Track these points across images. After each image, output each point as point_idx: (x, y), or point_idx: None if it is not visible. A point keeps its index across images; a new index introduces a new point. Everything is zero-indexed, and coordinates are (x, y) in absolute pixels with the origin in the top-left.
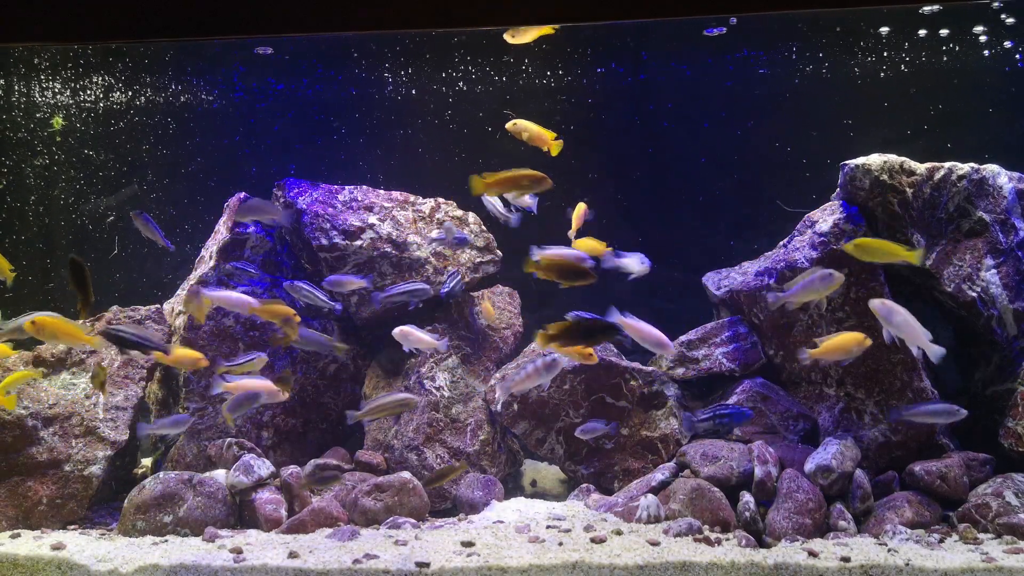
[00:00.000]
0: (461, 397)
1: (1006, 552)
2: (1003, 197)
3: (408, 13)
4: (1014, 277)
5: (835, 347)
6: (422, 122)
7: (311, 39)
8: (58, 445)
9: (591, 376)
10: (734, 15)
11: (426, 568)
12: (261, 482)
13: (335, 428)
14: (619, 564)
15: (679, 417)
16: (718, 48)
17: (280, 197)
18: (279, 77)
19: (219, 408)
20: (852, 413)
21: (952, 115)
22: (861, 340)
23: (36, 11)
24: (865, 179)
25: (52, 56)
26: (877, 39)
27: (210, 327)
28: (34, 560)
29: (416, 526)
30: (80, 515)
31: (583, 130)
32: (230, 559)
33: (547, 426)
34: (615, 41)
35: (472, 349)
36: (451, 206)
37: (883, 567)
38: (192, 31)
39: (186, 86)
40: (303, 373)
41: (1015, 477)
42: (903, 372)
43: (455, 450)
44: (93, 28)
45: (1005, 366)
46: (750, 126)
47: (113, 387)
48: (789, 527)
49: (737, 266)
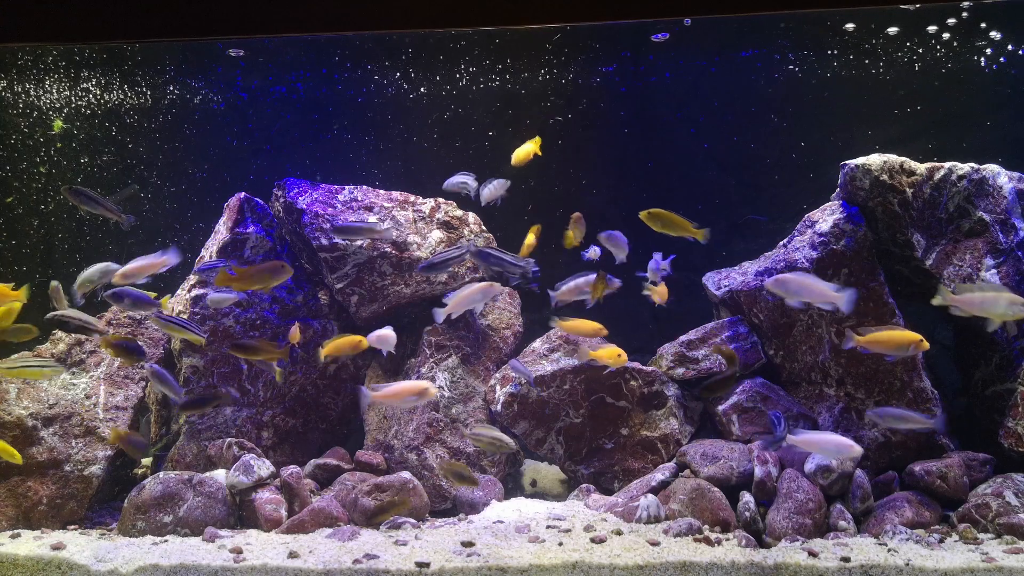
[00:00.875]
0: (461, 397)
1: (1006, 552)
2: (1003, 197)
3: (408, 13)
4: (1014, 277)
5: (883, 340)
6: (423, 122)
7: (313, 39)
8: (58, 445)
9: (591, 376)
10: (734, 15)
11: (426, 568)
12: (261, 482)
13: (335, 428)
14: (619, 564)
15: (679, 417)
16: (718, 48)
17: (280, 197)
18: (279, 77)
19: (219, 408)
20: (852, 413)
21: (953, 115)
22: (918, 342)
23: (36, 11)
24: (865, 179)
25: (47, 56)
26: (878, 39)
27: (210, 327)
28: (34, 560)
29: (416, 526)
30: (80, 515)
31: (583, 130)
32: (230, 559)
33: (547, 426)
34: (615, 41)
35: (472, 349)
36: (451, 206)
37: (883, 567)
38: (192, 31)
39: (186, 86)
40: (303, 373)
41: (1015, 477)
42: (903, 372)
43: (455, 450)
44: (93, 28)
45: (1005, 366)
46: (750, 126)
47: (113, 387)
48: (789, 527)
49: (737, 266)
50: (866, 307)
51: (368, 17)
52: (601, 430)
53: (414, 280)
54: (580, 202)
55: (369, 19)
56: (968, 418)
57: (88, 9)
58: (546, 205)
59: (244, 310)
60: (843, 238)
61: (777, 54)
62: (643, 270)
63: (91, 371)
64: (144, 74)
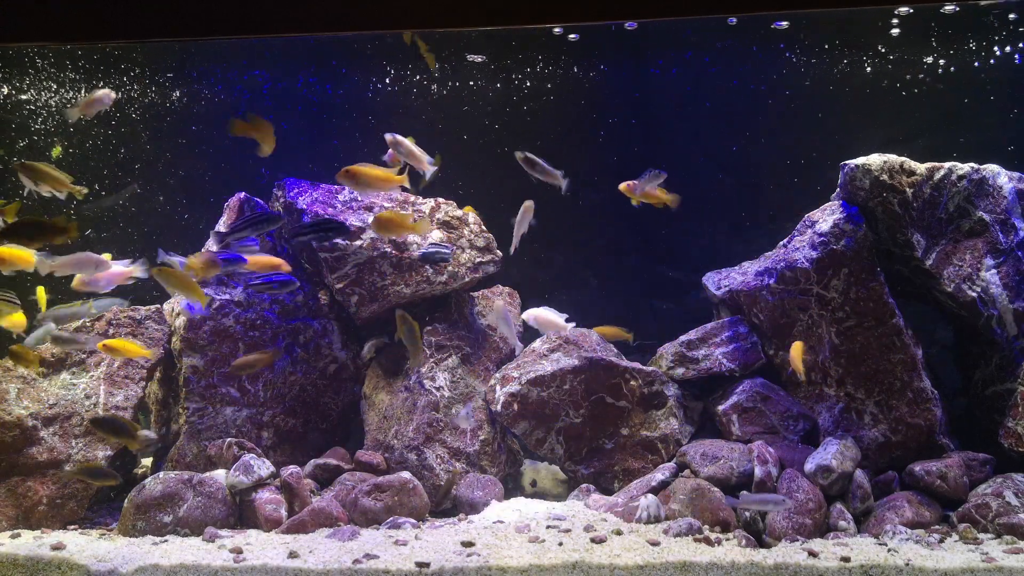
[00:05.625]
0: (461, 397)
1: (1006, 552)
2: (1003, 197)
3: (408, 13)
4: (1014, 277)
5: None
6: (421, 122)
7: (314, 38)
8: (58, 445)
9: (591, 376)
10: (735, 15)
11: (426, 568)
12: (261, 482)
13: (335, 428)
14: (619, 564)
15: (679, 417)
16: (720, 47)
17: (280, 197)
18: (279, 78)
19: (219, 408)
20: (852, 413)
21: (953, 116)
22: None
23: (36, 11)
24: (865, 179)
25: (45, 56)
26: (878, 38)
27: (210, 327)
28: (34, 560)
29: (416, 526)
30: (80, 515)
31: (583, 130)
32: (230, 559)
33: (547, 426)
34: (614, 40)
35: (472, 349)
36: (451, 206)
37: (883, 567)
38: (192, 31)
39: (186, 86)
40: (303, 373)
41: (1015, 477)
42: (903, 372)
43: (455, 450)
44: (93, 28)
45: (1005, 366)
46: (750, 125)
47: (113, 387)
48: (789, 527)
49: (737, 266)
50: (866, 307)
51: (368, 17)
52: (601, 430)
53: (414, 280)
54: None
55: (369, 19)
56: (968, 418)
57: (88, 9)
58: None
59: (244, 310)
60: (843, 238)
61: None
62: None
63: (91, 371)
64: (144, 73)
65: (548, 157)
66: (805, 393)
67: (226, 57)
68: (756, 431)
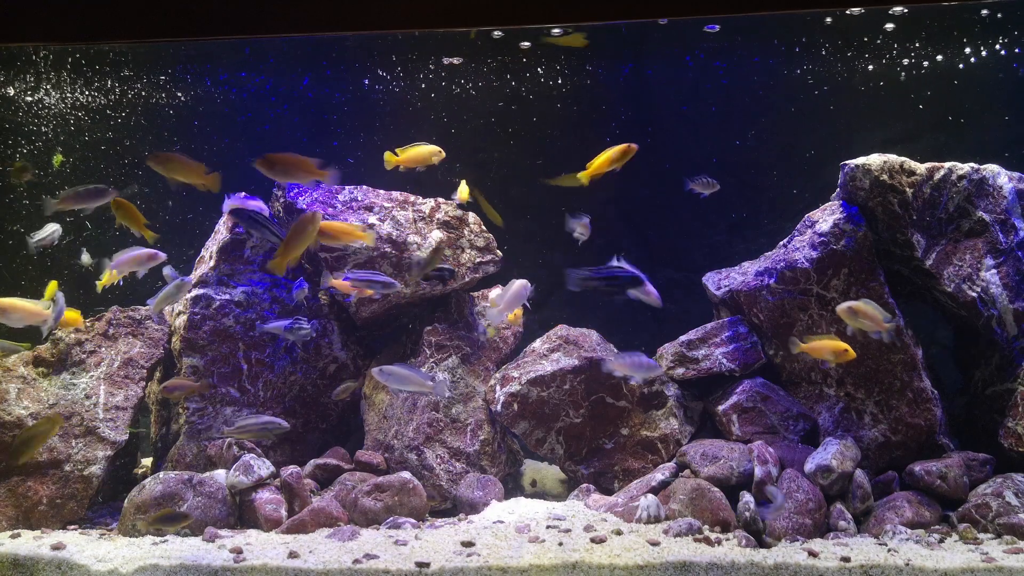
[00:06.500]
0: (461, 397)
1: (1006, 552)
2: (1003, 197)
3: (408, 13)
4: (1014, 277)
5: (818, 348)
6: (423, 122)
7: (315, 39)
8: (58, 445)
9: (591, 376)
10: (734, 15)
11: (426, 568)
12: (261, 482)
13: (335, 428)
14: (619, 564)
15: (679, 417)
16: (718, 47)
17: (280, 197)
18: (280, 77)
19: (219, 408)
20: (852, 413)
21: (954, 115)
22: (843, 351)
23: (36, 11)
24: (865, 179)
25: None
26: (879, 38)
27: (210, 327)
28: (34, 560)
29: (416, 526)
30: (80, 515)
31: (582, 130)
32: (230, 559)
33: (547, 426)
34: (614, 40)
35: (472, 349)
36: (451, 206)
37: (883, 567)
38: (192, 31)
39: (186, 86)
40: (303, 373)
41: (1015, 477)
42: (903, 372)
43: (455, 450)
44: (93, 28)
45: (1005, 366)
46: (750, 125)
47: (113, 387)
48: (789, 527)
49: (737, 266)
50: None
51: (368, 17)
52: (601, 430)
53: (414, 280)
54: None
55: (369, 19)
56: (968, 418)
57: (88, 9)
58: (544, 203)
59: (244, 310)
60: (843, 238)
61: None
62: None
63: (91, 371)
64: (144, 72)
65: (548, 158)
66: (805, 393)
67: (226, 57)
68: (756, 431)
